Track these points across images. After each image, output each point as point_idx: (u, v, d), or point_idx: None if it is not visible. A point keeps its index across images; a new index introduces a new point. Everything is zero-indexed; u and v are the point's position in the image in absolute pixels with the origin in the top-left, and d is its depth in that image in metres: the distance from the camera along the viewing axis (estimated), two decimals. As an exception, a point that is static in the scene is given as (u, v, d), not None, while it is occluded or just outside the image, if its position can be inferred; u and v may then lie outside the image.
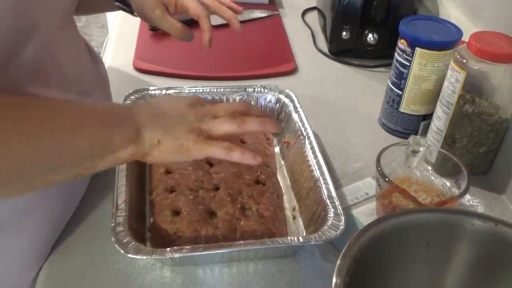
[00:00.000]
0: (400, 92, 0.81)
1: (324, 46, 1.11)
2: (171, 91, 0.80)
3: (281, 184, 0.70)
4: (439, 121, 0.73)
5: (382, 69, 1.03)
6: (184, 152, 0.54)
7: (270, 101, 0.81)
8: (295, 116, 0.77)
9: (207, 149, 0.54)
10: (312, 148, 0.70)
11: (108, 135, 0.51)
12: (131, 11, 0.79)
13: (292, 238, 0.58)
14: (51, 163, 0.48)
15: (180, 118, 0.56)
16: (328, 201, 0.62)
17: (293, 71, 1.02)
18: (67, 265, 0.61)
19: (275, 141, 0.80)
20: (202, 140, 0.54)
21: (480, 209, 0.70)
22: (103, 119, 0.52)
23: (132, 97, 0.77)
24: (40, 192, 0.58)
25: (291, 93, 0.81)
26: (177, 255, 0.55)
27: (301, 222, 0.67)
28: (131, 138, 0.52)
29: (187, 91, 0.81)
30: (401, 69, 0.79)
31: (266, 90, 0.82)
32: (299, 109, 0.77)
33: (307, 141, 0.71)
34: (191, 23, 1.13)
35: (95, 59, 0.71)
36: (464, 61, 0.67)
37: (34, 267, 0.61)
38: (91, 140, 0.50)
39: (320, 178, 0.65)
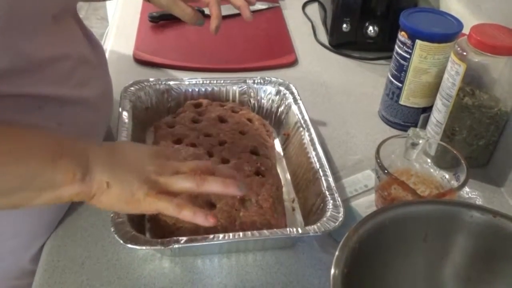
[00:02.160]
0: (400, 85, 0.81)
1: (324, 39, 1.11)
2: (171, 82, 0.80)
3: (281, 175, 0.70)
4: (439, 114, 0.73)
5: (382, 61, 1.03)
6: (133, 203, 0.51)
7: (270, 93, 0.81)
8: (295, 108, 0.77)
9: (157, 204, 0.51)
10: (311, 140, 0.70)
11: (50, 170, 0.47)
12: None
13: (291, 229, 0.58)
14: None
15: (137, 166, 0.53)
16: (327, 192, 0.62)
17: (293, 63, 1.02)
18: (67, 254, 0.61)
19: (275, 133, 0.80)
20: (153, 194, 0.51)
21: (479, 202, 0.71)
22: (48, 151, 0.48)
23: (132, 88, 0.77)
24: None
25: (291, 85, 0.81)
26: (176, 246, 0.55)
27: (300, 214, 0.67)
28: (76, 177, 0.48)
29: (187, 83, 0.81)
30: (401, 61, 0.79)
31: (266, 82, 0.82)
32: (299, 101, 0.77)
33: (306, 133, 0.71)
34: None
35: (95, 47, 0.70)
36: (465, 53, 0.67)
37: (28, 250, 0.61)
38: (27, 172, 0.46)
39: (320, 170, 0.65)
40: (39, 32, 0.55)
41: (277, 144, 0.78)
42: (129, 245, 0.54)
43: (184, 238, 0.56)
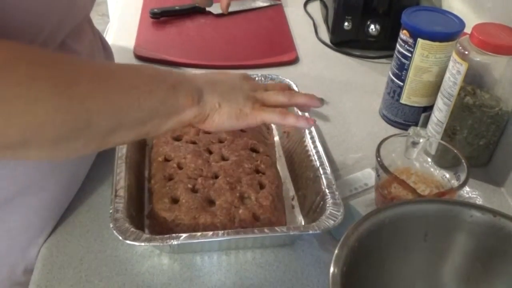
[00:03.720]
0: (401, 83, 0.81)
1: (325, 37, 1.10)
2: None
3: (281, 173, 0.70)
4: (440, 113, 0.73)
5: (383, 60, 1.02)
6: (242, 117, 0.56)
7: (270, 91, 0.81)
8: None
9: (264, 115, 0.56)
10: (312, 138, 0.70)
11: (173, 96, 0.51)
12: None
13: (291, 227, 0.58)
14: (121, 119, 0.48)
15: (237, 87, 0.58)
16: (327, 191, 0.62)
17: (294, 61, 1.02)
18: (66, 250, 0.61)
19: (275, 131, 0.80)
20: (258, 107, 0.57)
21: (479, 201, 0.71)
22: (168, 80, 0.53)
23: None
24: (42, 172, 0.58)
25: (292, 83, 0.81)
26: (175, 242, 0.55)
27: (299, 212, 0.67)
28: (194, 100, 0.53)
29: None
30: (403, 60, 0.79)
31: (267, 80, 0.81)
32: (300, 99, 0.77)
33: (307, 131, 0.71)
34: (196, 11, 1.13)
35: (104, 45, 0.72)
36: (466, 52, 0.67)
37: (31, 247, 0.61)
38: (160, 99, 0.50)
39: (320, 168, 0.65)
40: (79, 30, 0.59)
41: (277, 142, 0.78)
42: (128, 241, 0.54)
43: (183, 235, 0.55)
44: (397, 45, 0.80)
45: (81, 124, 0.44)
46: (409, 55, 0.77)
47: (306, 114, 0.74)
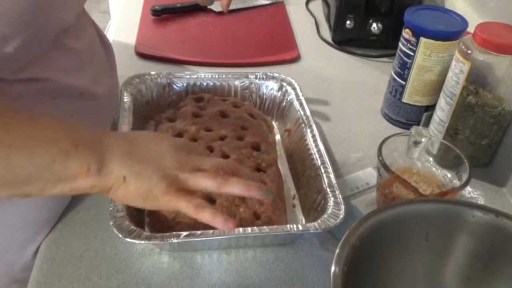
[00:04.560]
0: (403, 83, 0.80)
1: (327, 35, 1.10)
2: (173, 76, 0.79)
3: (282, 172, 0.70)
4: (442, 112, 0.73)
5: (385, 59, 1.02)
6: (151, 199, 0.49)
7: (272, 89, 0.81)
8: (296, 104, 0.76)
9: (176, 203, 0.50)
10: (313, 136, 0.70)
11: (62, 162, 0.45)
12: None
13: (291, 226, 0.57)
14: None
15: (157, 160, 0.50)
16: (328, 189, 0.62)
17: (296, 59, 1.01)
18: (65, 247, 0.61)
19: (276, 129, 0.80)
20: (172, 191, 0.49)
21: (481, 202, 0.70)
22: (63, 142, 0.45)
23: (133, 81, 0.77)
24: None
25: (293, 81, 0.80)
26: (175, 241, 0.54)
27: (300, 211, 0.67)
28: (91, 169, 0.46)
29: (188, 77, 0.80)
30: (405, 59, 0.78)
31: (268, 78, 0.81)
32: (301, 97, 0.77)
33: (308, 130, 0.71)
34: (197, 9, 1.13)
35: (105, 43, 0.72)
36: (469, 52, 0.67)
37: (30, 245, 0.61)
38: (40, 163, 0.44)
39: (321, 166, 0.65)
40: (76, 28, 0.58)
41: (279, 140, 0.78)
42: (128, 239, 0.54)
43: (184, 233, 0.55)
44: (400, 44, 0.79)
45: None
46: (412, 54, 0.77)
47: (308, 113, 0.74)
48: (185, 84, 0.80)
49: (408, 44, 0.77)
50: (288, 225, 0.58)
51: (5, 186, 0.45)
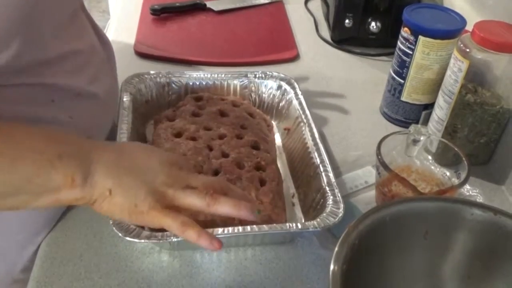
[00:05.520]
0: (402, 81, 0.80)
1: (326, 34, 1.10)
2: (172, 75, 0.80)
3: (281, 170, 0.70)
4: (441, 111, 0.73)
5: (384, 57, 1.02)
6: (136, 214, 0.48)
7: (271, 88, 0.81)
8: (295, 103, 0.76)
9: (161, 220, 0.48)
10: (312, 135, 0.70)
11: (46, 173, 0.44)
12: None
13: (291, 224, 0.58)
14: None
15: (145, 174, 0.49)
16: (327, 188, 0.62)
17: (295, 58, 1.02)
18: (65, 246, 0.61)
19: (275, 128, 0.80)
20: (158, 208, 0.48)
21: (480, 200, 0.70)
22: (46, 153, 0.45)
23: (133, 81, 0.77)
24: None
25: (292, 80, 0.80)
26: (175, 239, 0.54)
27: (300, 209, 0.67)
28: (75, 181, 0.45)
29: (188, 76, 0.80)
30: (404, 57, 0.78)
31: (267, 77, 0.81)
32: (300, 96, 0.77)
33: (307, 128, 0.71)
34: (196, 8, 1.13)
35: (104, 43, 0.72)
36: (467, 50, 0.67)
37: (30, 246, 0.61)
38: (24, 174, 0.43)
39: (320, 165, 0.65)
40: (62, 26, 0.56)
41: (278, 139, 0.78)
42: (128, 238, 0.54)
43: (183, 232, 0.55)
44: (398, 43, 0.79)
45: None
46: (410, 52, 0.77)
47: (307, 112, 0.74)
48: (184, 83, 0.80)
49: (407, 43, 0.77)
50: (287, 224, 0.58)
51: None
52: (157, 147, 0.66)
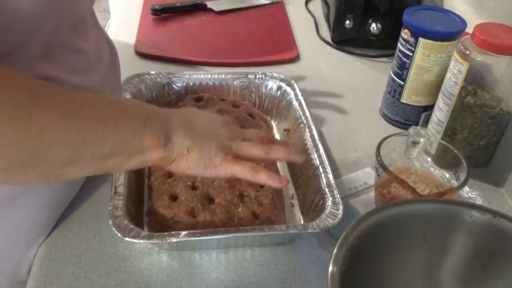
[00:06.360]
0: (402, 83, 0.80)
1: (327, 35, 1.10)
2: (172, 76, 0.80)
3: (280, 171, 0.70)
4: (440, 113, 0.73)
5: (384, 59, 1.02)
6: (210, 167, 0.53)
7: (271, 89, 0.81)
8: (295, 104, 0.76)
9: (233, 168, 0.54)
10: (312, 136, 0.70)
11: (139, 135, 0.48)
12: None
13: (290, 225, 0.58)
14: (80, 153, 0.44)
15: (212, 133, 0.55)
16: (326, 189, 0.62)
17: (295, 59, 1.02)
18: (65, 246, 0.61)
19: (275, 129, 0.80)
20: (229, 159, 0.54)
21: (479, 202, 0.70)
22: (139, 116, 0.49)
23: (133, 81, 0.77)
24: None
25: (292, 81, 0.80)
26: (174, 240, 0.55)
27: (299, 210, 0.67)
28: (160, 141, 0.50)
29: (188, 76, 0.80)
30: (404, 59, 0.78)
31: (267, 77, 0.81)
32: (300, 97, 0.77)
33: (307, 130, 0.71)
34: (197, 8, 1.13)
35: (110, 45, 0.72)
36: (467, 52, 0.67)
37: (35, 245, 0.61)
38: (125, 137, 0.47)
39: (319, 166, 0.65)
40: (84, 26, 0.59)
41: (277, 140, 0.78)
42: (127, 239, 0.54)
43: (182, 233, 0.55)
44: (398, 44, 0.79)
45: (36, 155, 0.42)
46: (410, 54, 0.77)
47: (307, 113, 0.74)
48: (184, 84, 0.80)
49: (407, 45, 0.77)
50: (286, 225, 0.58)
51: (97, 161, 0.46)
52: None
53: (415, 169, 0.69)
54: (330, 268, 0.43)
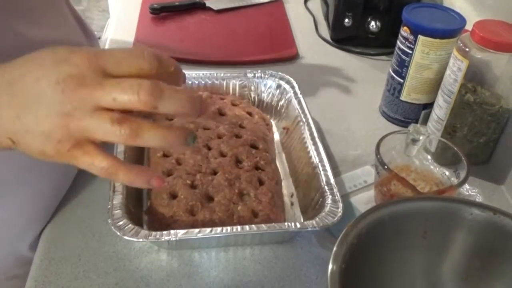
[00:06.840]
0: (402, 80, 0.80)
1: (326, 33, 1.10)
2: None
3: (280, 170, 0.70)
4: (440, 110, 0.73)
5: (383, 57, 1.02)
6: (50, 158, 0.39)
7: (270, 87, 0.81)
8: (295, 102, 0.76)
9: (78, 163, 0.39)
10: (311, 134, 0.70)
11: None
12: None
13: (290, 224, 0.57)
14: None
15: (36, 111, 0.37)
16: (326, 187, 0.62)
17: (295, 57, 1.01)
18: (63, 245, 0.61)
19: (274, 127, 0.80)
20: (65, 149, 0.38)
21: (479, 199, 0.70)
22: None
23: (132, 79, 0.76)
24: (29, 166, 0.58)
25: (291, 79, 0.80)
26: (173, 239, 0.54)
27: (298, 209, 0.67)
28: None
29: (187, 75, 0.79)
30: (403, 57, 0.78)
31: (266, 76, 0.81)
32: (299, 96, 0.77)
33: (306, 128, 0.71)
34: (196, 7, 1.13)
35: (88, 34, 0.70)
36: (467, 49, 0.67)
37: (28, 236, 0.61)
38: None
39: (319, 164, 0.65)
40: (34, 13, 0.54)
41: (277, 138, 0.78)
42: (126, 237, 0.54)
43: (182, 231, 0.55)
44: (398, 42, 0.79)
45: None
46: (410, 52, 0.77)
47: (306, 111, 0.74)
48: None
49: (406, 42, 0.77)
50: (286, 223, 0.58)
51: None
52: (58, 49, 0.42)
53: (415, 167, 0.68)
54: (330, 266, 0.43)
